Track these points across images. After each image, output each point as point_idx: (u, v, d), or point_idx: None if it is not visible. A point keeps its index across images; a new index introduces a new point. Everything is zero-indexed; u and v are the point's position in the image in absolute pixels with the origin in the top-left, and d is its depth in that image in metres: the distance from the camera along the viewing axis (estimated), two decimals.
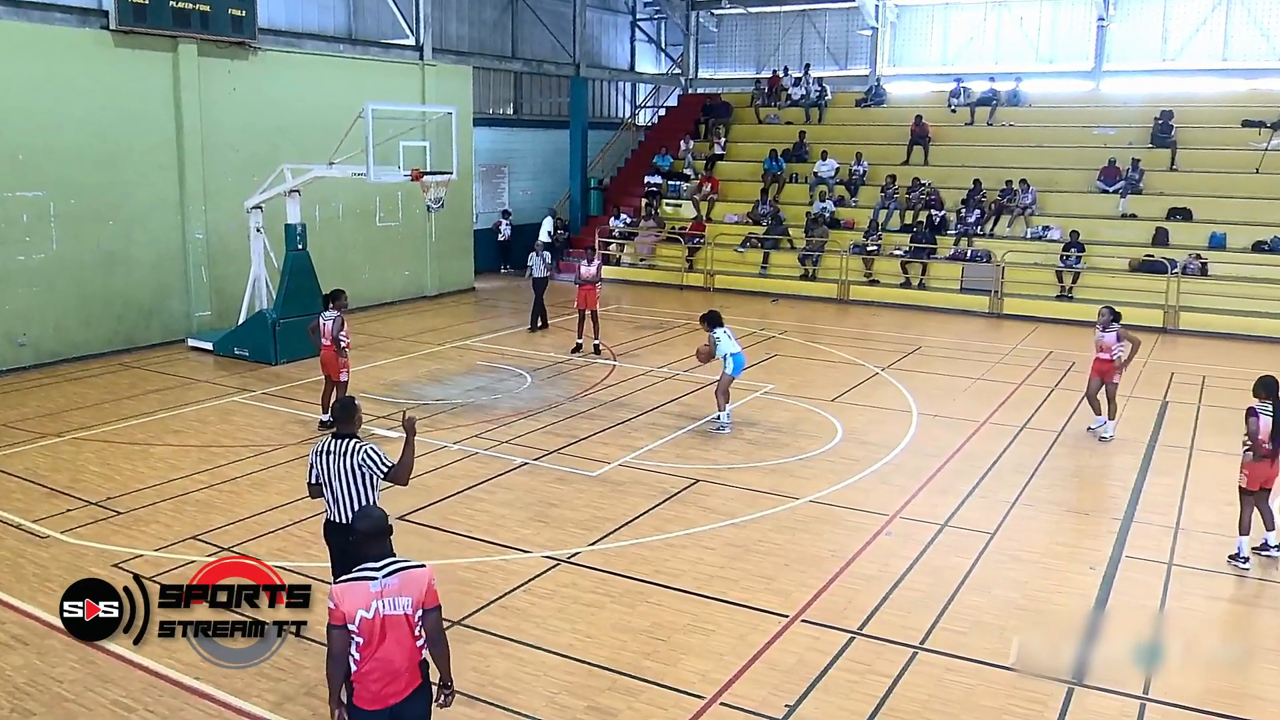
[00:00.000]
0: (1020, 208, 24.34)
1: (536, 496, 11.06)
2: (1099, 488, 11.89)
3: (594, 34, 32.19)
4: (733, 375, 13.50)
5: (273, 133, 19.81)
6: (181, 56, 18.35)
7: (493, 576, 8.98)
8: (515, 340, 19.38)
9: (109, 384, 15.87)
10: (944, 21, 30.78)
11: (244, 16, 19.00)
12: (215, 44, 18.82)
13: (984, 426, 13.84)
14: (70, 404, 14.66)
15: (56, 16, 16.87)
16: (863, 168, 27.14)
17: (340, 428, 7.06)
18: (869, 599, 8.58)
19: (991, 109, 27.71)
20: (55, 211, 16.91)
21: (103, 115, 17.42)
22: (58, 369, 16.74)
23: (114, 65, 17.54)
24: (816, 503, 10.93)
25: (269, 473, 11.70)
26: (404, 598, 4.94)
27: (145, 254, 18.31)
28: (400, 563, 5.03)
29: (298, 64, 20.85)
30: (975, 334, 20.87)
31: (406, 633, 4.96)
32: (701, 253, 26.77)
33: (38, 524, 10.07)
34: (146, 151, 18.17)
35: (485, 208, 28.93)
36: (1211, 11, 27.02)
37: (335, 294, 13.39)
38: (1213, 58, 27.19)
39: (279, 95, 20.19)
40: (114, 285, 17.89)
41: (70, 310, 17.33)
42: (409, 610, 4.95)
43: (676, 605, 8.46)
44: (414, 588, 4.97)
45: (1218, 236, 22.47)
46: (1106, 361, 13.22)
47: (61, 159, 16.90)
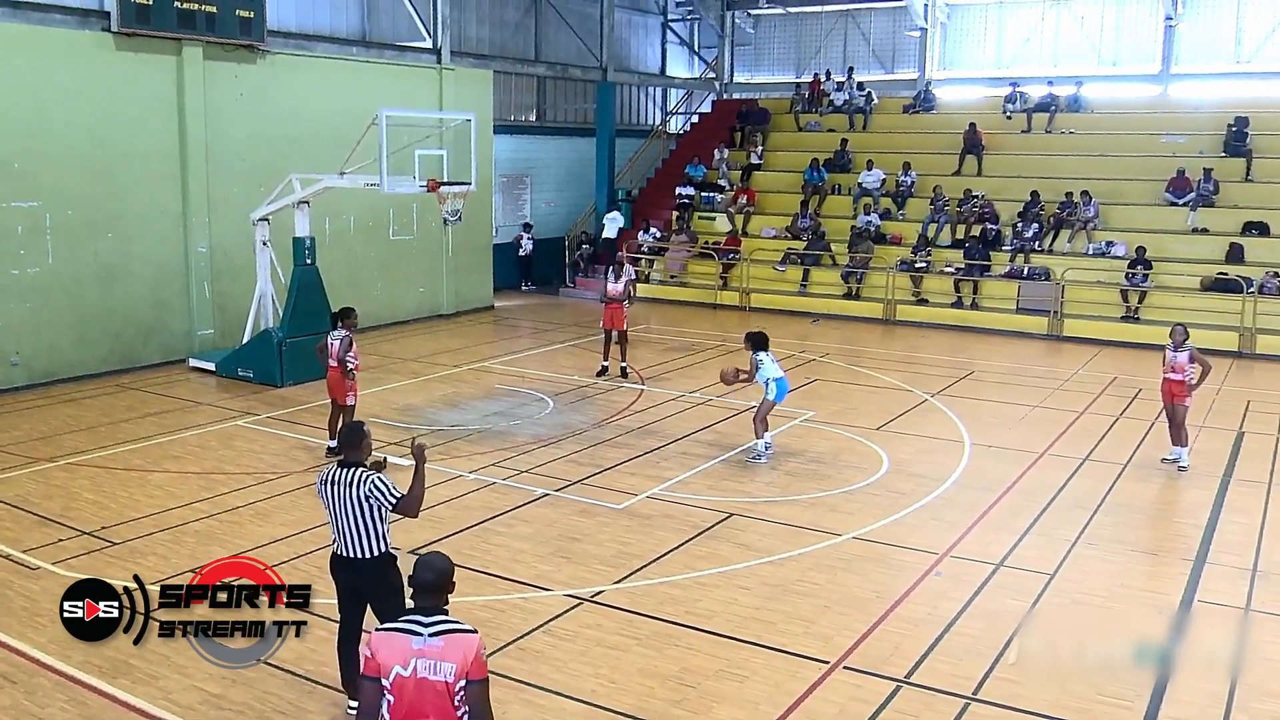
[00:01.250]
0: (1081, 221, 24.20)
1: (558, 530, 11.05)
2: (1168, 525, 11.75)
3: (623, 36, 32.38)
4: (775, 402, 13.47)
5: (281, 140, 20.04)
6: (186, 60, 18.61)
7: (511, 616, 8.96)
8: (536, 362, 19.43)
9: (105, 406, 16.03)
10: (999, 21, 30.77)
11: (252, 18, 19.26)
12: (222, 46, 19.08)
13: (1042, 458, 13.71)
14: (64, 427, 14.81)
15: (56, 18, 17.16)
16: (910, 178, 27.09)
17: (346, 455, 7.06)
18: (917, 645, 8.49)
19: (1050, 115, 27.62)
20: (51, 223, 17.14)
21: (102, 121, 17.67)
22: (51, 390, 16.94)
23: (115, 69, 17.81)
24: (860, 540, 10.85)
25: (272, 502, 11.76)
26: (447, 664, 4.70)
27: (145, 268, 18.52)
28: (451, 624, 4.81)
29: (308, 68, 21.10)
30: (1033, 358, 20.73)
31: (445, 703, 4.70)
32: (737, 269, 26.78)
33: (28, 554, 10.15)
34: (147, 160, 18.40)
35: (505, 221, 29.08)
36: None
37: (345, 312, 13.47)
38: None
39: (288, 101, 20.44)
40: (112, 301, 18.10)
41: (65, 327, 17.54)
42: (450, 679, 4.69)
43: (708, 649, 8.40)
44: (459, 654, 4.70)
45: None
46: (1178, 383, 13.13)
47: (58, 167, 17.14)
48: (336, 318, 13.51)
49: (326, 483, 6.94)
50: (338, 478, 6.91)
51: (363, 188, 17.14)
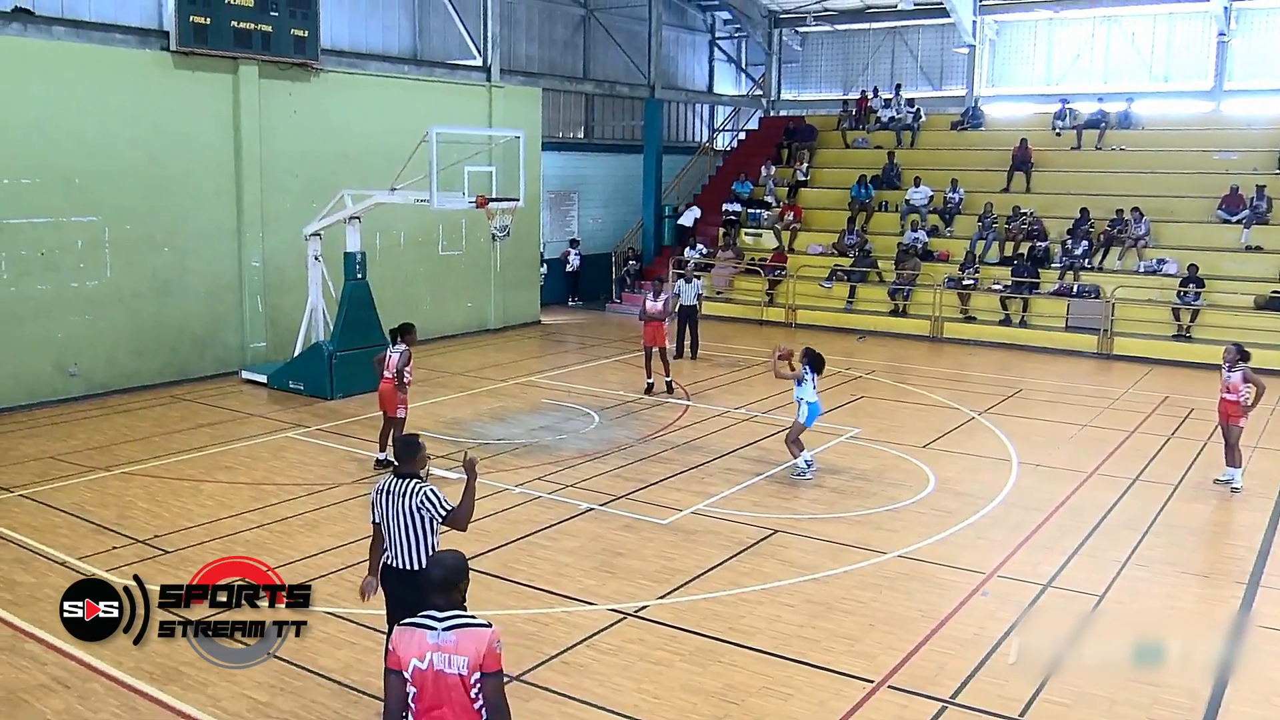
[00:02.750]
0: (1132, 239, 23.91)
1: (602, 545, 11.05)
2: (1221, 548, 11.53)
3: (670, 53, 32.48)
4: (805, 425, 13.42)
5: (333, 157, 20.29)
6: (242, 78, 18.92)
7: (554, 629, 8.97)
8: (582, 377, 19.47)
9: (160, 417, 16.29)
10: (1048, 38, 30.50)
11: (306, 37, 19.55)
12: (277, 65, 19.38)
13: (1091, 478, 13.52)
14: (120, 437, 15.06)
15: (116, 38, 17.51)
16: (958, 195, 26.92)
17: (402, 467, 7.14)
18: (963, 665, 8.39)
19: (1100, 132, 27.33)
20: (110, 237, 17.47)
21: (160, 139, 18.00)
22: (108, 400, 17.23)
23: (173, 87, 18.13)
24: (906, 558, 10.75)
25: (322, 513, 11.86)
26: (460, 657, 4.80)
27: (200, 282, 18.81)
28: (464, 618, 4.91)
29: (361, 86, 21.36)
30: (1082, 376, 20.48)
31: (461, 694, 4.81)
32: (783, 286, 26.72)
33: (83, 561, 10.30)
34: (204, 176, 18.71)
35: (553, 236, 29.23)
36: None
37: (406, 328, 13.46)
38: None
39: (340, 118, 20.70)
40: (168, 314, 18.39)
41: (122, 340, 17.85)
42: (464, 671, 4.79)
43: (751, 666, 8.35)
44: (472, 647, 4.81)
45: None
46: (1232, 403, 12.91)
47: (117, 183, 17.47)
48: (396, 333, 13.48)
49: (382, 492, 7.02)
50: (393, 488, 6.99)
51: (413, 204, 17.29)
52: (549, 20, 28.24)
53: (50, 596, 9.51)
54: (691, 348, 21.49)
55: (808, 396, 13.38)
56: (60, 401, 16.94)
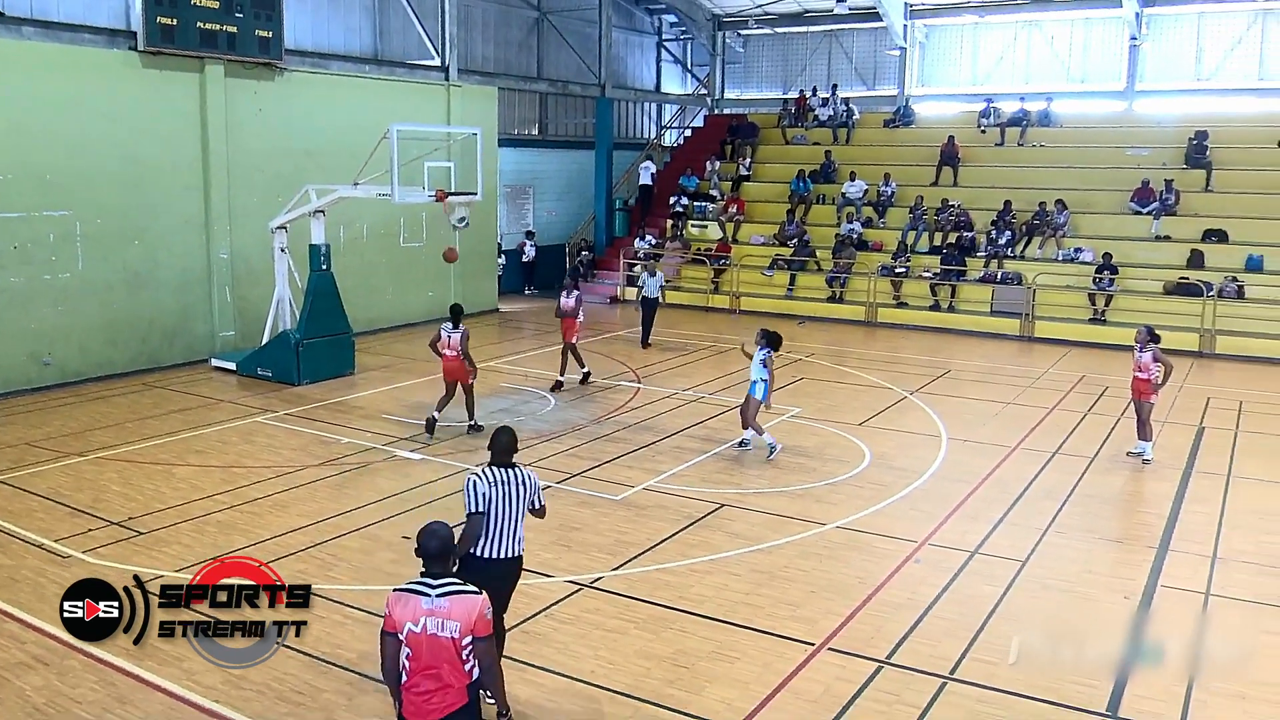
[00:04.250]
0: (1052, 229, 24.23)
1: (559, 520, 11.01)
2: (1133, 515, 11.75)
3: (620, 55, 32.38)
4: (760, 400, 13.42)
5: (298, 153, 20.02)
6: (208, 77, 18.60)
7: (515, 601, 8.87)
8: (538, 362, 19.41)
9: (132, 404, 16.02)
10: (973, 41, 30.76)
11: (270, 37, 19.25)
12: (242, 65, 19.06)
13: (1015, 452, 13.73)
14: (93, 423, 14.80)
15: (85, 37, 17.14)
16: (891, 189, 27.12)
17: (506, 457, 6.96)
18: (897, 627, 8.50)
19: (1022, 129, 27.65)
20: (81, 231, 17.13)
21: (129, 136, 17.67)
22: (82, 388, 16.92)
23: (141, 86, 17.79)
24: (844, 529, 10.86)
25: (291, 494, 11.75)
26: (453, 622, 4.99)
27: (170, 274, 18.51)
28: (456, 585, 5.09)
29: (324, 85, 21.07)
30: (1006, 358, 20.75)
31: (453, 655, 5.02)
32: (727, 274, 26.79)
33: (59, 544, 10.14)
34: (172, 172, 18.39)
35: (510, 228, 29.08)
36: (1247, 30, 26.88)
37: (461, 308, 14.55)
38: (1248, 77, 27.00)
39: (304, 116, 20.42)
40: (139, 305, 18.09)
41: (95, 330, 17.52)
42: (455, 635, 5.00)
43: (701, 632, 8.40)
44: (463, 613, 5.01)
45: (1255, 259, 22.27)
46: (1144, 381, 13.17)
47: (88, 179, 17.13)
48: (457, 314, 14.36)
49: (495, 484, 6.77)
50: (508, 478, 6.80)
51: (375, 198, 17.13)
52: (504, 22, 28.03)
53: (28, 578, 9.38)
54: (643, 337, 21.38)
55: (758, 374, 13.34)
56: (35, 390, 16.61)
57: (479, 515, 6.75)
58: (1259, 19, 26.70)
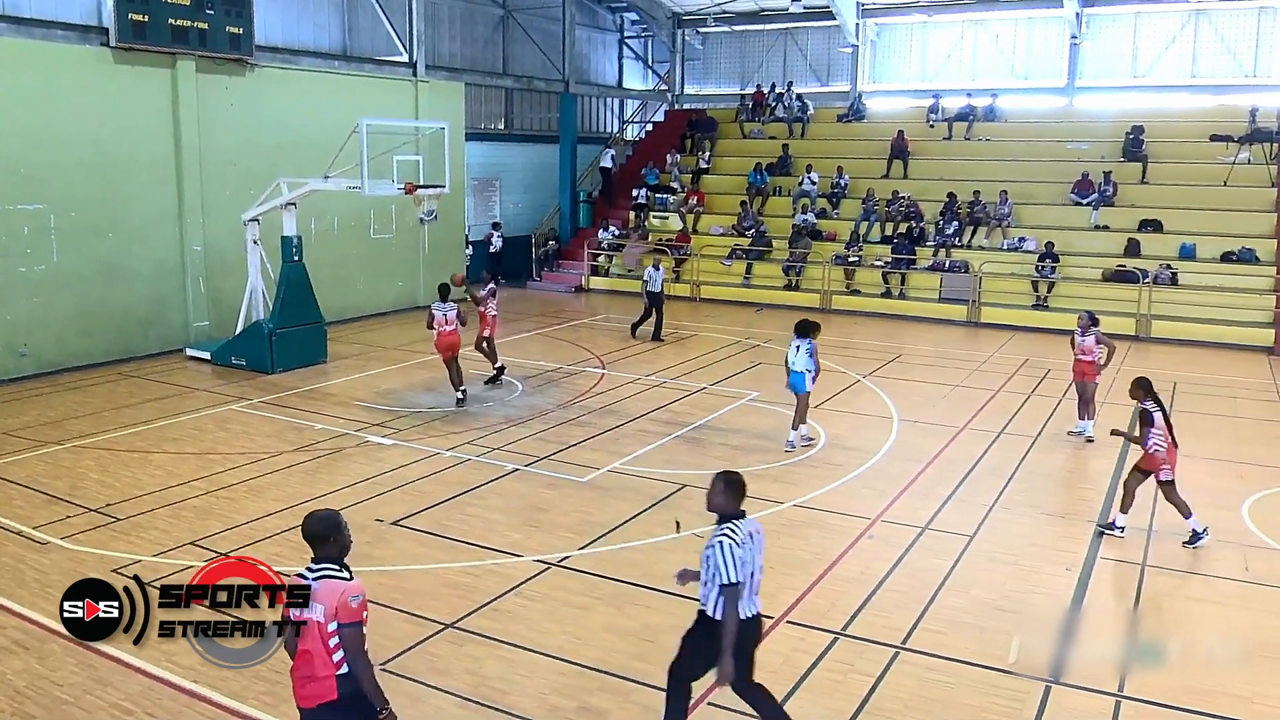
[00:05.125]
0: (997, 219, 24.45)
1: (527, 502, 11.03)
2: (1074, 491, 11.90)
3: (583, 51, 32.25)
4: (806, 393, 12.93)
5: (269, 147, 19.77)
6: (180, 73, 18.31)
7: (485, 580, 8.95)
8: (505, 349, 19.31)
9: (108, 393, 15.79)
10: (922, 39, 30.93)
11: (241, 34, 18.98)
12: (213, 61, 18.79)
13: (962, 432, 13.87)
14: (70, 413, 14.57)
15: (58, 34, 16.82)
16: (844, 181, 27.22)
17: (735, 508, 6.13)
18: (852, 600, 8.58)
19: (969, 124, 27.84)
20: (56, 224, 16.84)
21: (103, 130, 17.37)
22: (58, 378, 16.65)
23: (114, 81, 17.49)
24: (800, 507, 10.93)
25: (265, 479, 11.64)
26: (319, 604, 4.93)
27: (144, 266, 18.25)
28: (332, 570, 5.03)
29: (294, 80, 20.81)
30: (954, 342, 20.93)
31: (320, 642, 4.92)
32: (688, 264, 26.80)
33: (38, 530, 10.00)
34: (146, 166, 18.11)
35: (477, 220, 28.92)
36: (1180, 30, 27.26)
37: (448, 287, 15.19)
38: (1182, 74, 27.41)
39: (275, 111, 20.15)
40: (114, 296, 17.81)
41: (70, 321, 17.25)
42: (321, 619, 4.91)
43: (665, 607, 8.42)
44: (328, 597, 4.92)
45: (1188, 247, 22.61)
46: (1088, 363, 13.39)
47: (62, 173, 16.83)
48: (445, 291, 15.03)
49: (743, 543, 5.93)
50: (749, 530, 6.03)
51: (345, 190, 17.00)
52: (470, 20, 27.81)
53: (7, 565, 9.24)
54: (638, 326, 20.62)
55: (791, 360, 12.96)
56: (11, 380, 16.32)
57: (737, 585, 5.82)
58: (1192, 19, 27.08)
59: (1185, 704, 7.01)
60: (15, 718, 6.76)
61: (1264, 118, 24.56)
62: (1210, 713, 6.92)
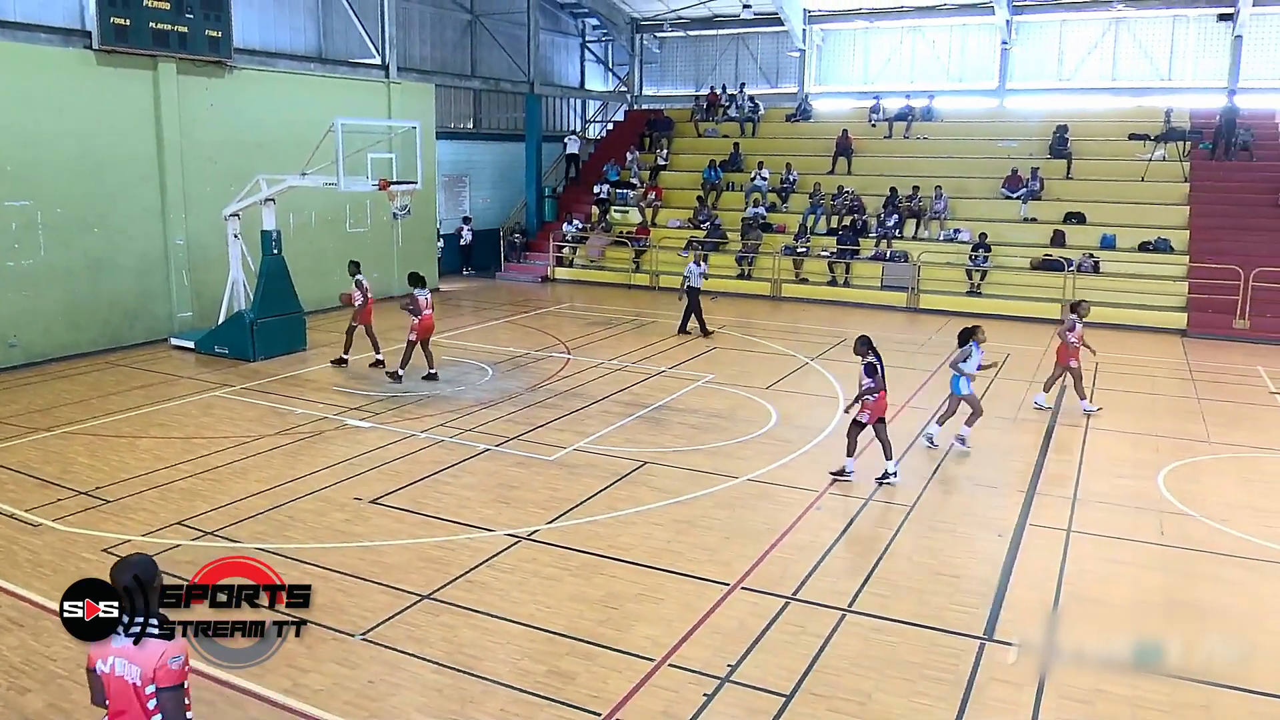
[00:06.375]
0: (934, 212, 24.66)
1: (498, 480, 11.02)
2: (1005, 464, 12.06)
3: (547, 55, 32.04)
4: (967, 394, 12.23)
5: (248, 146, 19.47)
6: (161, 75, 17.98)
7: (459, 554, 8.94)
8: (476, 336, 19.26)
9: (96, 381, 15.52)
10: (865, 44, 31.04)
11: (220, 37, 18.65)
12: (193, 63, 18.46)
13: (903, 410, 13.99)
14: (59, 400, 14.31)
15: (41, 37, 16.43)
16: (793, 177, 27.31)
17: None
18: (802, 567, 8.67)
19: (908, 123, 28.00)
20: (43, 220, 16.49)
21: (87, 130, 17.01)
22: (47, 368, 16.34)
23: (97, 83, 17.13)
24: (754, 481, 11.01)
25: (249, 461, 11.51)
26: (135, 666, 4.14)
27: (129, 260, 17.93)
28: (150, 628, 4.19)
29: (271, 81, 20.49)
30: (895, 327, 21.09)
31: (135, 703, 4.15)
32: (647, 255, 26.79)
33: (30, 513, 9.84)
34: (129, 163, 17.77)
35: (448, 214, 28.71)
36: (1102, 36, 27.59)
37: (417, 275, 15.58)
38: (1103, 78, 27.75)
39: (254, 110, 19.84)
40: (100, 289, 17.49)
41: (58, 313, 16.92)
42: (138, 681, 4.13)
43: (628, 577, 8.48)
44: (145, 659, 4.13)
45: (1108, 238, 22.95)
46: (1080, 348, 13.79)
47: (48, 171, 16.48)
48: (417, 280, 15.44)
49: None
50: None
51: (322, 187, 16.77)
52: (440, 24, 27.51)
53: (2, 546, 9.08)
54: (700, 326, 19.54)
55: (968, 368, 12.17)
56: (2, 371, 15.98)
57: None
58: (1113, 26, 27.41)
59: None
60: (12, 691, 6.67)
61: (1178, 118, 24.94)
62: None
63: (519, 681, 6.81)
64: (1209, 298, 20.95)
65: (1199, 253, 21.85)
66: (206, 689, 6.67)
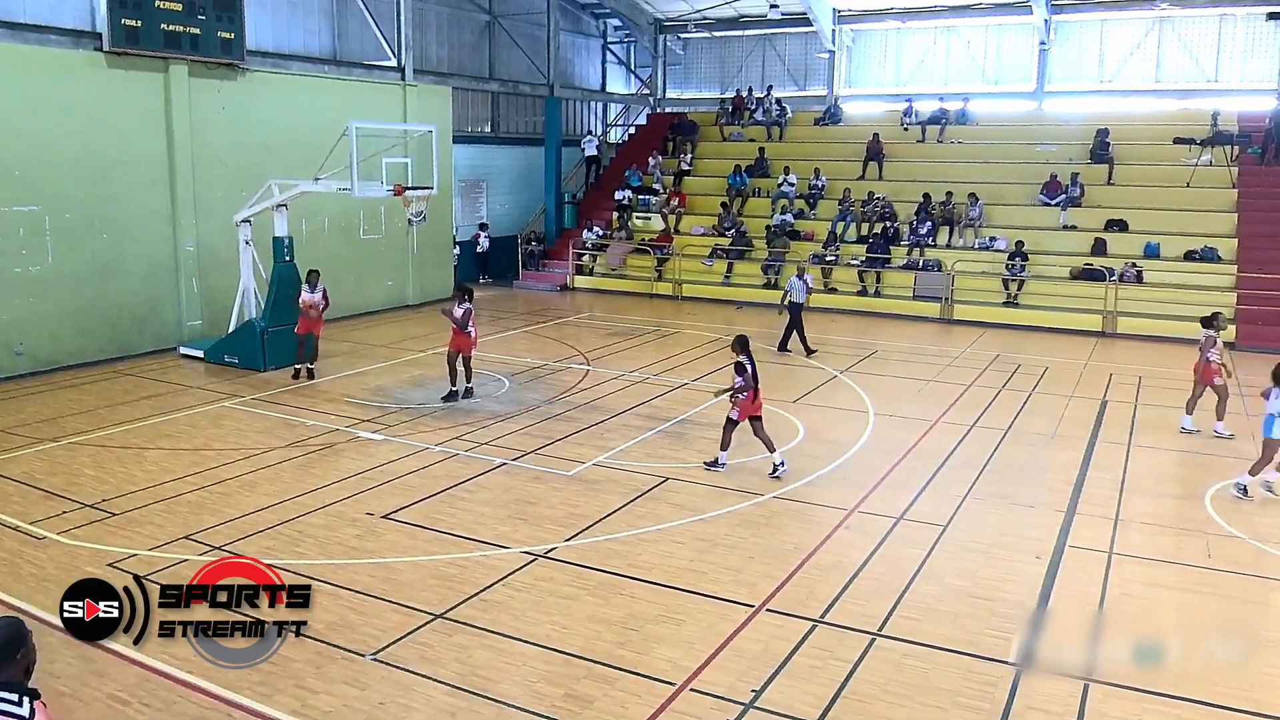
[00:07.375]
0: (969, 220, 24.55)
1: (515, 495, 11.02)
2: (1043, 482, 11.94)
3: (567, 56, 32.17)
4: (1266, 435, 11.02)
5: (260, 149, 19.65)
6: (172, 77, 18.19)
7: (474, 571, 8.94)
8: (493, 347, 19.30)
9: (103, 391, 15.67)
10: (896, 45, 31.00)
11: (233, 39, 18.86)
12: (205, 65, 18.66)
13: (936, 425, 13.92)
14: (66, 410, 14.45)
15: (51, 38, 16.67)
16: (821, 182, 27.27)
17: None
18: (829, 589, 8.61)
19: (941, 127, 27.92)
20: (50, 225, 16.69)
21: (96, 133, 17.22)
22: (54, 376, 16.51)
23: (107, 85, 17.34)
24: (779, 498, 10.96)
25: (258, 475, 11.58)
26: None
27: (138, 265, 18.11)
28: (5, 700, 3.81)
29: (284, 84, 20.70)
30: (927, 338, 21.00)
31: None
32: (670, 263, 26.80)
33: (35, 526, 9.92)
34: (139, 167, 17.97)
35: (464, 221, 28.84)
36: (1145, 36, 27.42)
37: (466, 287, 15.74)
38: (1146, 79, 27.58)
39: (266, 114, 20.04)
40: (108, 295, 17.68)
41: (66, 319, 17.10)
42: None
43: (648, 597, 8.44)
44: None
45: (1152, 246, 22.75)
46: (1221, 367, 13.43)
47: (56, 174, 16.69)
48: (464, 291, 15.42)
49: None
50: None
51: (335, 192, 16.89)
52: (457, 25, 27.70)
53: (4, 559, 9.17)
54: (803, 343, 18.79)
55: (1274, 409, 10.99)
56: (8, 379, 16.17)
57: None
58: (1156, 25, 27.25)
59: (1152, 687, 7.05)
60: None
61: (1225, 121, 24.72)
62: (1175, 694, 6.97)
63: (535, 705, 6.79)
64: (1258, 309, 20.70)
65: (1247, 262, 21.62)
66: (213, 709, 6.70)
